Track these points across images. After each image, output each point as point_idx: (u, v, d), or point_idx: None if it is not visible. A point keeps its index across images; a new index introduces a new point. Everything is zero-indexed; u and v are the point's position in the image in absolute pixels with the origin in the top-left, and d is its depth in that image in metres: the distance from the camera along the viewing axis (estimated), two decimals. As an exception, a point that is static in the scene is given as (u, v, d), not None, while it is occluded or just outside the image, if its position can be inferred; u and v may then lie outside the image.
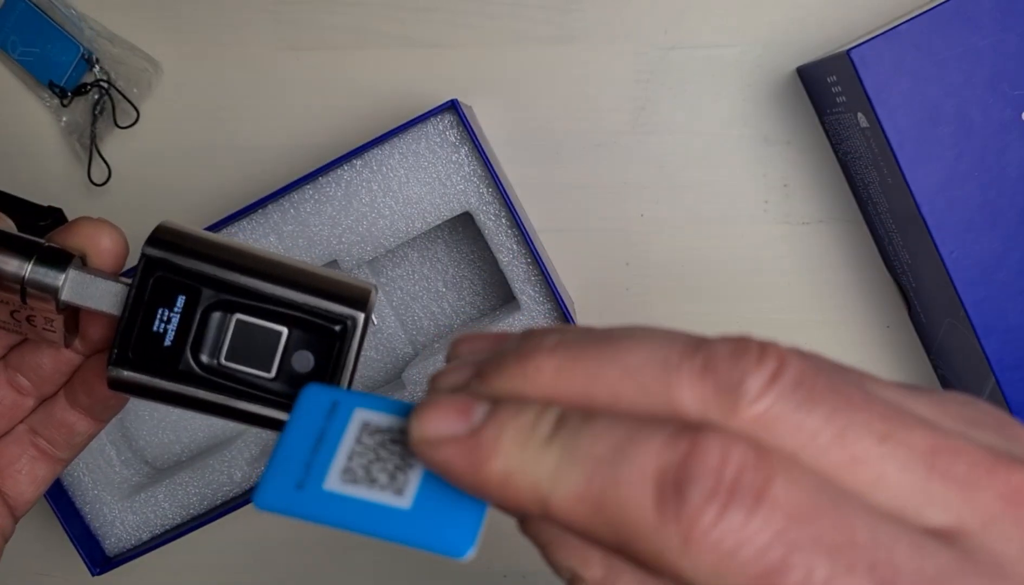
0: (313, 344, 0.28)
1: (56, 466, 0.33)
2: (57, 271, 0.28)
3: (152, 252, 0.28)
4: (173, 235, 0.28)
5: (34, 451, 0.32)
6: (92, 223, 0.29)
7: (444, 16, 0.51)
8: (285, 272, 0.28)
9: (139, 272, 0.28)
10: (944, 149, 0.44)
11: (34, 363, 0.31)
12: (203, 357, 0.28)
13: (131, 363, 0.28)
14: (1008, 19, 0.43)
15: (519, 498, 0.20)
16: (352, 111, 0.52)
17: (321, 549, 0.54)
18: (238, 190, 0.52)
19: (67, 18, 0.51)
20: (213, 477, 0.50)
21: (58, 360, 0.31)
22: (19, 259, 0.27)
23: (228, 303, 0.28)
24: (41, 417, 0.32)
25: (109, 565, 0.49)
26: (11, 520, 0.33)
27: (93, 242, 0.29)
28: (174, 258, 0.28)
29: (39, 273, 0.27)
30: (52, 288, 0.27)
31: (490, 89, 0.51)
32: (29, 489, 0.33)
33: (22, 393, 0.32)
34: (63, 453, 0.33)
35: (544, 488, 0.19)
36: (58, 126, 0.52)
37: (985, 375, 0.46)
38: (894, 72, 0.43)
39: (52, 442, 0.32)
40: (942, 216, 0.44)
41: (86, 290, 0.28)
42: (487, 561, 0.54)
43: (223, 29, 0.52)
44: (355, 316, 0.28)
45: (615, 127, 0.51)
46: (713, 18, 0.51)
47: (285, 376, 0.28)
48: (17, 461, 0.32)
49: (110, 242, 0.29)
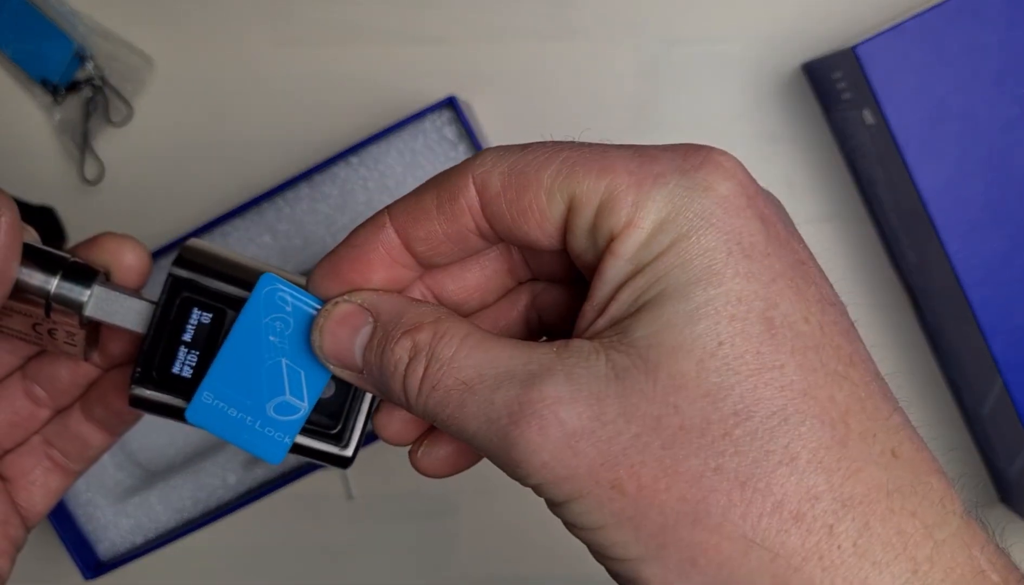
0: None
1: (68, 478, 0.33)
2: (82, 287, 0.28)
3: (179, 272, 0.28)
4: (200, 255, 0.29)
5: (48, 463, 0.33)
6: (116, 239, 0.29)
7: (442, 12, 0.51)
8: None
9: (165, 291, 0.28)
10: (951, 146, 0.44)
11: (51, 375, 0.31)
12: None
13: (154, 382, 0.28)
14: (1015, 15, 0.43)
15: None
16: (348, 108, 0.51)
17: (317, 553, 0.54)
18: (233, 188, 0.52)
19: (60, 14, 0.50)
20: (207, 481, 0.50)
21: (75, 373, 0.31)
22: (45, 274, 0.28)
23: None
24: (56, 429, 0.32)
25: (102, 569, 0.49)
26: (23, 531, 0.33)
27: (117, 258, 0.29)
28: (200, 279, 0.28)
29: (65, 288, 0.28)
30: (77, 304, 0.28)
31: (489, 85, 0.51)
32: (42, 500, 0.33)
33: (38, 404, 0.32)
34: (76, 465, 0.33)
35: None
36: (51, 123, 0.52)
37: (992, 375, 0.45)
38: (900, 68, 0.43)
39: (66, 454, 0.33)
40: (949, 214, 0.44)
41: (110, 306, 0.28)
42: (486, 566, 0.54)
43: (218, 25, 0.51)
44: None
45: (616, 124, 0.51)
46: (716, 13, 0.50)
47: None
48: (31, 472, 0.33)
49: (134, 258, 0.29)
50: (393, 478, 0.53)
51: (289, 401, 0.27)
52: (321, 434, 0.29)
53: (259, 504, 0.52)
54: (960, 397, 0.51)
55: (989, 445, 0.50)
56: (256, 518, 0.53)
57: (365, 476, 0.53)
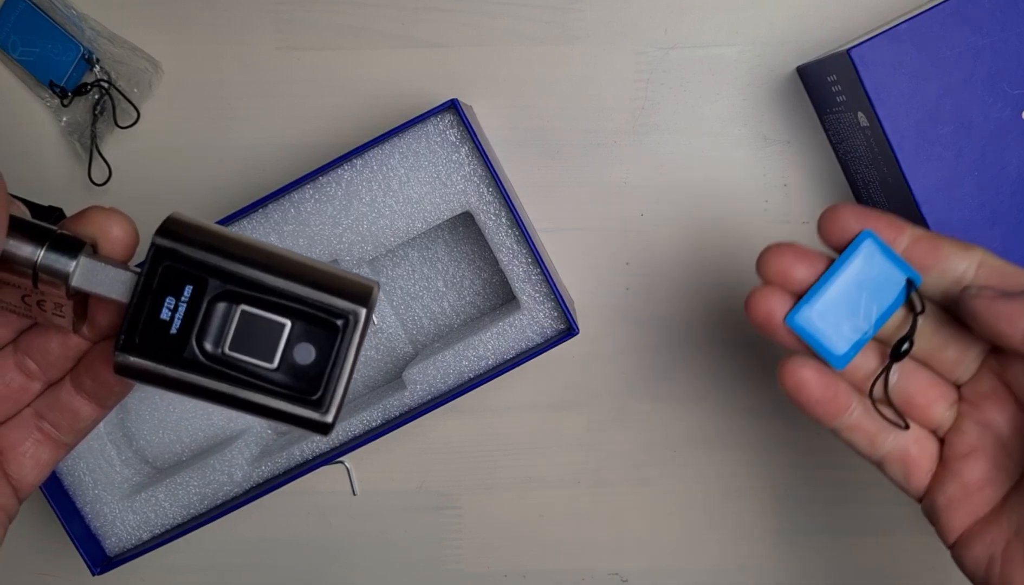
0: (315, 337, 0.29)
1: (59, 450, 0.34)
2: (68, 257, 0.28)
3: (162, 242, 0.28)
4: (182, 226, 0.29)
5: (39, 435, 0.33)
6: (104, 212, 0.30)
7: (444, 16, 0.51)
8: (290, 266, 0.29)
9: (148, 261, 0.28)
10: (944, 148, 0.44)
11: (42, 347, 0.32)
12: (207, 346, 0.29)
13: (137, 349, 0.28)
14: (1008, 18, 0.43)
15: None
16: (352, 110, 0.52)
17: (321, 549, 0.54)
18: (239, 190, 0.52)
19: (67, 18, 0.51)
20: (213, 477, 0.50)
21: (66, 345, 0.32)
22: (32, 244, 0.28)
23: (234, 294, 0.28)
24: (47, 401, 0.33)
25: (109, 565, 0.49)
26: (15, 501, 0.33)
27: (104, 230, 0.29)
28: (183, 248, 0.28)
29: (51, 259, 0.28)
30: (63, 274, 0.28)
31: (490, 89, 0.51)
32: (33, 472, 0.33)
33: (30, 377, 0.32)
34: (67, 438, 0.33)
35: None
36: (58, 126, 0.52)
37: (985, 374, 0.46)
38: (894, 71, 0.43)
39: (57, 426, 0.33)
40: (942, 216, 0.44)
41: (96, 277, 0.28)
42: (487, 561, 0.54)
43: (224, 29, 0.52)
44: (357, 311, 0.29)
45: (615, 127, 0.51)
46: (713, 17, 0.51)
47: (286, 367, 0.29)
48: (22, 444, 0.33)
49: (120, 231, 0.29)
50: (396, 475, 0.54)
51: (860, 325, 0.35)
52: (301, 400, 0.29)
53: (265, 500, 0.53)
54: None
55: (982, 442, 0.50)
56: (262, 514, 0.54)
57: (368, 473, 0.54)
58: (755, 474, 0.53)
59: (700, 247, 0.52)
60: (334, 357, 0.29)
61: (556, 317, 0.48)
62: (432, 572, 0.54)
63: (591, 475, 0.54)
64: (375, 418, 0.49)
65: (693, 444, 0.53)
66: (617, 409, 0.53)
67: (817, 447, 0.53)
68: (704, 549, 0.54)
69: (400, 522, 0.54)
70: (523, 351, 0.49)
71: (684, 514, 0.54)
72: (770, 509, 0.53)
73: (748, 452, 0.53)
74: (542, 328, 0.48)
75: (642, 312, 0.53)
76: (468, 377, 0.49)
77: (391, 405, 0.49)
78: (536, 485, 0.54)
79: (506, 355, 0.49)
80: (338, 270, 0.29)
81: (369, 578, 0.55)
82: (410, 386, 0.49)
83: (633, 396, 0.53)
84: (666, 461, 0.53)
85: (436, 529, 0.54)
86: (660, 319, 0.53)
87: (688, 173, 0.52)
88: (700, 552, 0.54)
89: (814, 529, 0.53)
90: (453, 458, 0.54)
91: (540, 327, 0.48)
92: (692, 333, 0.53)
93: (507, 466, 0.54)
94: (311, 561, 0.54)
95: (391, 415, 0.49)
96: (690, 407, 0.53)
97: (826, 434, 0.38)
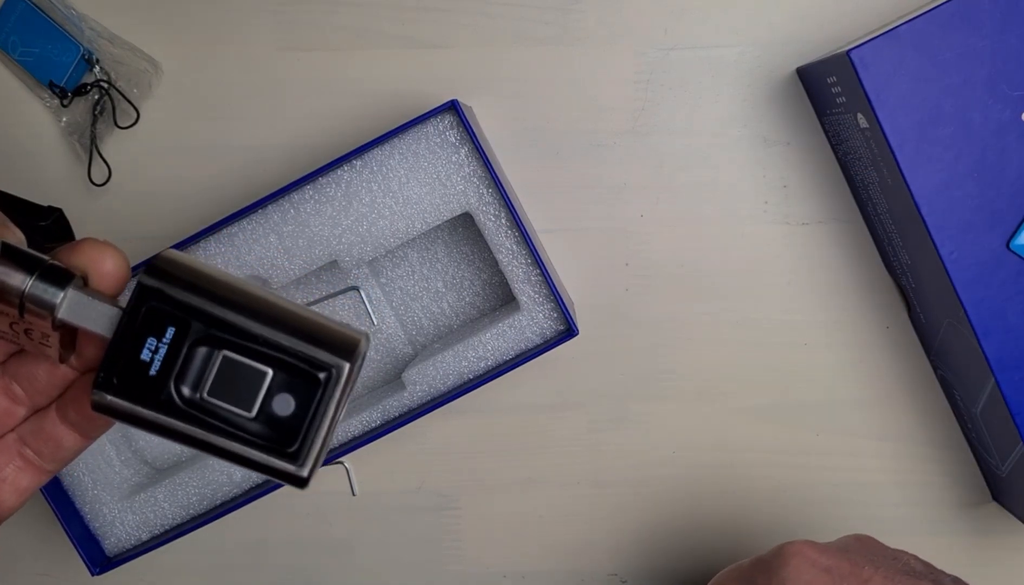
0: (296, 388, 0.28)
1: (40, 477, 0.33)
2: (56, 289, 0.28)
3: (147, 281, 0.28)
4: (171, 265, 0.28)
5: (20, 462, 0.32)
6: (97, 245, 0.29)
7: (444, 16, 0.51)
8: (276, 313, 0.28)
9: (132, 300, 0.28)
10: (944, 150, 0.44)
11: (30, 374, 0.31)
12: (185, 390, 0.28)
13: (115, 388, 0.28)
14: (1007, 20, 0.43)
15: None
16: (352, 111, 0.52)
17: (321, 549, 0.54)
18: (238, 190, 0.52)
19: (67, 18, 0.51)
20: (213, 477, 0.50)
21: (53, 374, 0.31)
22: (22, 273, 0.27)
23: (216, 338, 0.28)
24: (31, 428, 0.32)
25: (109, 565, 0.49)
26: None
27: (96, 264, 0.29)
28: (168, 289, 0.28)
29: (39, 289, 0.27)
30: (49, 305, 0.28)
31: (490, 89, 0.51)
32: (12, 497, 0.33)
33: (15, 402, 0.32)
34: (49, 465, 0.33)
35: None
36: (58, 126, 0.52)
37: (985, 375, 0.46)
38: (894, 73, 0.43)
39: (39, 454, 0.32)
40: (942, 217, 0.44)
41: (83, 310, 0.28)
42: (486, 562, 0.54)
43: (223, 29, 0.52)
44: (340, 365, 0.28)
45: (615, 127, 0.51)
46: (713, 19, 0.51)
47: (264, 417, 0.28)
48: (3, 469, 0.32)
49: (112, 266, 0.29)
50: (395, 475, 0.54)
51: None
52: (278, 451, 0.28)
53: (264, 500, 0.53)
54: (953, 396, 0.52)
55: (982, 444, 0.51)
56: (261, 514, 0.54)
57: (368, 473, 0.54)
58: (755, 474, 0.53)
59: (700, 247, 0.52)
60: (313, 410, 0.28)
61: (556, 318, 0.48)
62: (432, 572, 0.55)
63: (591, 475, 0.54)
64: (375, 419, 0.49)
65: (693, 444, 0.53)
66: (617, 409, 0.53)
67: (817, 447, 0.53)
68: (703, 550, 0.54)
69: (400, 522, 0.54)
70: (523, 352, 0.49)
71: (683, 515, 0.54)
72: (769, 509, 0.53)
73: (748, 452, 0.53)
74: (542, 329, 0.48)
75: (642, 312, 0.53)
76: (468, 378, 0.49)
77: (391, 406, 0.49)
78: (536, 485, 0.54)
79: (506, 356, 0.49)
80: (327, 320, 0.29)
81: (369, 578, 0.55)
82: (410, 387, 0.49)
83: (633, 396, 0.53)
84: (666, 461, 0.53)
85: (436, 529, 0.54)
86: (660, 319, 0.53)
87: (688, 174, 0.52)
88: (699, 553, 0.54)
89: (814, 529, 0.53)
90: (453, 458, 0.54)
91: (540, 328, 0.48)
92: (692, 333, 0.53)
93: (507, 466, 0.54)
94: (311, 561, 0.55)
95: (391, 416, 0.49)
96: (690, 407, 0.53)
97: (826, 434, 0.38)
